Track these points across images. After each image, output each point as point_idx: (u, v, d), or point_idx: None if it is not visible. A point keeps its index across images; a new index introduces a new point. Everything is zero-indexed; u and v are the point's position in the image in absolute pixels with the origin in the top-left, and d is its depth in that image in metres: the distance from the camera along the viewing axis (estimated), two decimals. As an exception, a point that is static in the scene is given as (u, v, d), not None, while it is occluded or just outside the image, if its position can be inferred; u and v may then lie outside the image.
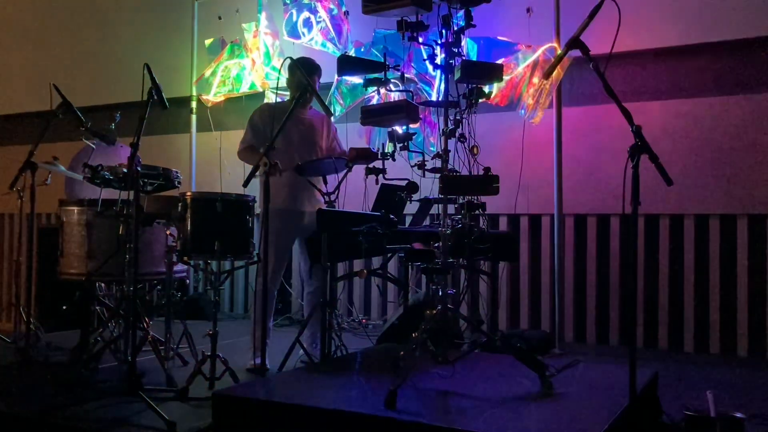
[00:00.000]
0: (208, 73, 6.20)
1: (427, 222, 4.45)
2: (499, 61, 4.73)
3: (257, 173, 3.41)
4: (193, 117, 6.50)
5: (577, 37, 2.54)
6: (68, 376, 3.49)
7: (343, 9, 5.62)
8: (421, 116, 4.05)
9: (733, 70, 4.73)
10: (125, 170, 3.42)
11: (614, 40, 2.47)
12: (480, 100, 3.06)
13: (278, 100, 4.41)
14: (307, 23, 5.69)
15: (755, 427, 2.89)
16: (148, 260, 3.87)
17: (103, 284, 4.11)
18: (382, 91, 4.47)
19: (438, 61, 3.03)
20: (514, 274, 5.29)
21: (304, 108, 4.12)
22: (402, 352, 2.74)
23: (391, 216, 3.50)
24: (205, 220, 3.49)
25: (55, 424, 2.87)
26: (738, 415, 2.66)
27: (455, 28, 3.01)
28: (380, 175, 3.49)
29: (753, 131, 4.57)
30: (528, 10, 5.02)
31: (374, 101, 5.25)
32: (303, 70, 3.80)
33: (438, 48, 3.04)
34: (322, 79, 4.29)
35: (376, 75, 3.44)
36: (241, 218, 3.56)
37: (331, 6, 5.62)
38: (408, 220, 4.76)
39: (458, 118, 2.98)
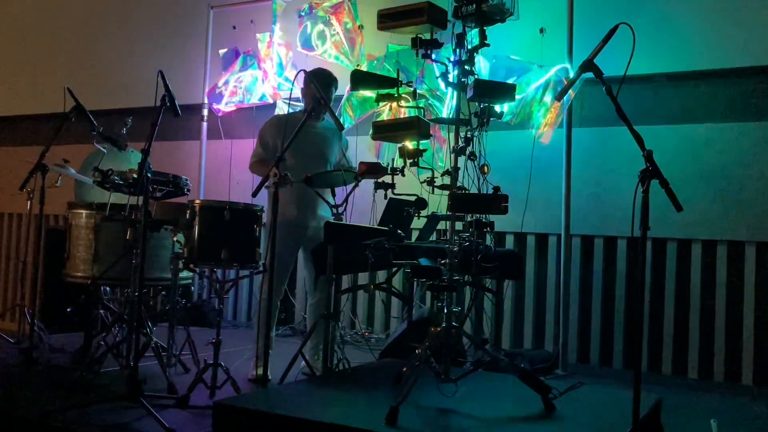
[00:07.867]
0: (220, 83, 6.24)
1: (433, 237, 4.44)
2: (511, 80, 4.74)
3: (267, 184, 3.42)
4: (204, 125, 6.53)
5: (591, 60, 2.55)
6: (70, 379, 3.48)
7: (358, 23, 5.65)
8: (431, 133, 4.06)
9: (745, 97, 4.72)
10: (135, 175, 3.44)
11: (628, 63, 2.47)
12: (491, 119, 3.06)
13: (290, 110, 4.43)
14: (321, 36, 5.72)
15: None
16: (154, 266, 3.89)
17: (107, 288, 4.12)
18: (393, 105, 4.48)
19: (451, 78, 3.03)
20: (519, 293, 5.27)
21: (316, 120, 4.13)
22: (404, 368, 2.73)
23: (399, 231, 3.49)
24: (213, 228, 3.50)
25: (55, 426, 2.87)
26: (741, 444, 2.64)
27: (469, 47, 3.02)
28: (389, 190, 3.49)
29: (764, 158, 4.56)
30: (541, 31, 5.03)
31: (384, 115, 5.26)
32: (318, 83, 3.82)
33: (451, 66, 3.04)
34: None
35: (388, 90, 3.45)
36: (248, 227, 3.56)
37: (346, 20, 5.65)
38: (414, 235, 4.75)
39: (469, 136, 2.98)
